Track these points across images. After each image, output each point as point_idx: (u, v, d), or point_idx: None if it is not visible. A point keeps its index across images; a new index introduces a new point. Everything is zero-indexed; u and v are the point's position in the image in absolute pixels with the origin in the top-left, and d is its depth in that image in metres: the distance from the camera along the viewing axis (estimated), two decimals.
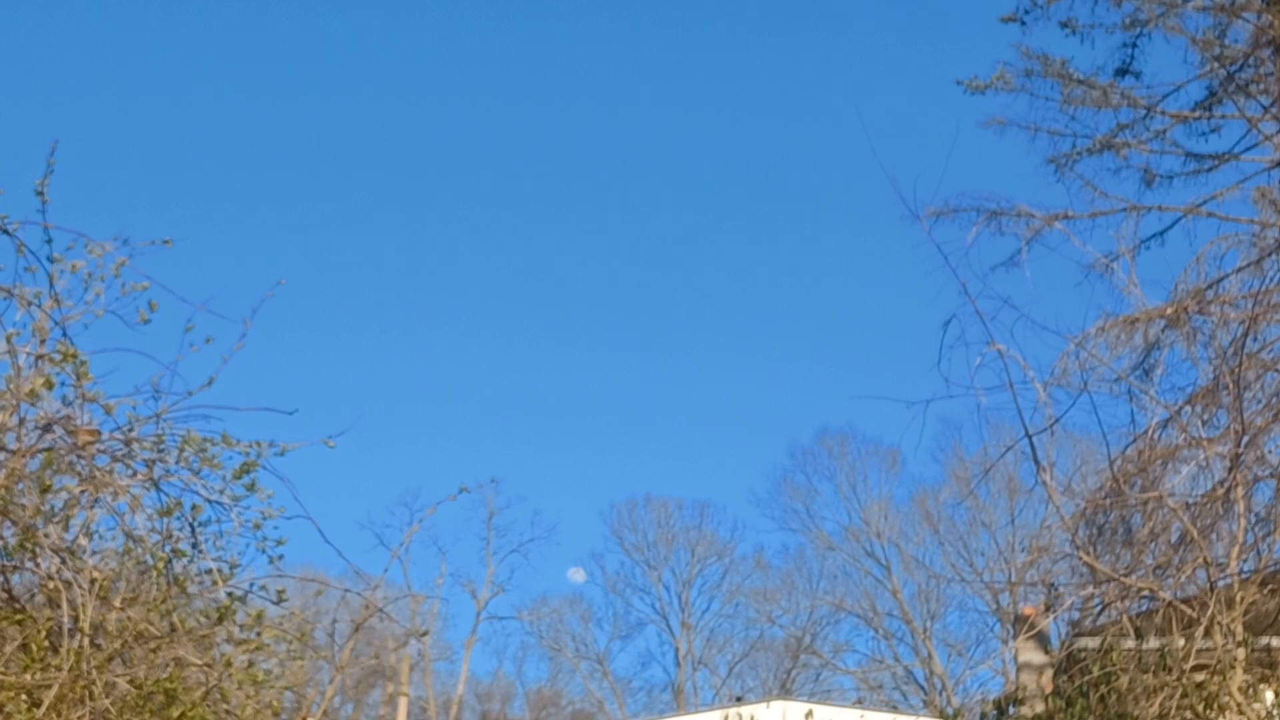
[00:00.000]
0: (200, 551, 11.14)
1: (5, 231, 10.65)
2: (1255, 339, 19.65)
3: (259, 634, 11.06)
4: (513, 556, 65.11)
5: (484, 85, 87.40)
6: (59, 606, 10.14)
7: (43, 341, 10.75)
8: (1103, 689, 14.40)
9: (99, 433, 10.74)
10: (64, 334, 10.82)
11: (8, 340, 10.67)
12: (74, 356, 10.70)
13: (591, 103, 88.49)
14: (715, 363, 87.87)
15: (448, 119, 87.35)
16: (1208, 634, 14.68)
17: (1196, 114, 26.77)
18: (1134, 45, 26.75)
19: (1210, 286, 23.63)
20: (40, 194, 10.66)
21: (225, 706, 10.86)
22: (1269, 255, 23.29)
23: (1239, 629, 14.89)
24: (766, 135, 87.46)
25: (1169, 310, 22.75)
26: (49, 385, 10.65)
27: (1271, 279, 21.64)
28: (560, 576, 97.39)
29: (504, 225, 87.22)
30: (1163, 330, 23.32)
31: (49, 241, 10.75)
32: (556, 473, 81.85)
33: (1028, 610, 20.20)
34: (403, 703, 44.68)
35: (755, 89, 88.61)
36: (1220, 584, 15.49)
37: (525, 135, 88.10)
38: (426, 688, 63.26)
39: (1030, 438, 16.76)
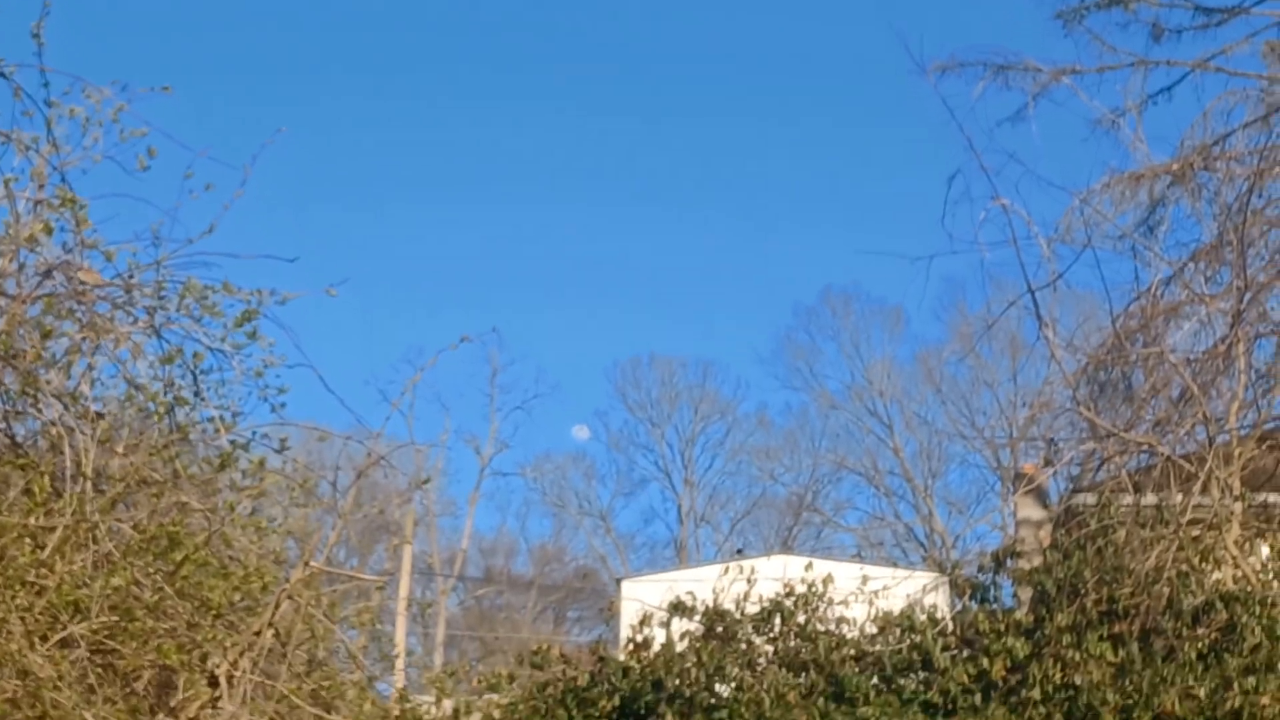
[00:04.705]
0: (202, 399, 11.12)
1: (2, 75, 10.54)
2: (1260, 195, 19.56)
3: (261, 480, 11.09)
4: (516, 413, 65.50)
5: None
6: (61, 452, 10.17)
7: (41, 187, 10.66)
8: (1100, 542, 14.50)
9: (99, 274, 10.70)
10: (63, 179, 10.71)
11: (5, 185, 10.56)
12: (73, 202, 10.62)
13: None
14: (721, 221, 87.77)
15: None
16: (1205, 489, 14.78)
17: None
18: None
19: (1217, 142, 23.46)
20: (36, 37, 10.54)
21: (229, 552, 10.93)
22: (1277, 111, 23.10)
23: (1236, 484, 14.99)
24: None
25: (1175, 166, 22.63)
26: (48, 230, 10.59)
27: (1278, 135, 21.48)
28: (564, 434, 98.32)
29: (512, 81, 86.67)
30: (1168, 186, 23.19)
31: (46, 85, 10.60)
32: (561, 330, 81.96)
33: (1028, 467, 20.32)
34: (406, 551, 44.94)
35: None
36: (1219, 440, 15.59)
37: None
38: (431, 542, 63.86)
39: (1033, 293, 16.79)
